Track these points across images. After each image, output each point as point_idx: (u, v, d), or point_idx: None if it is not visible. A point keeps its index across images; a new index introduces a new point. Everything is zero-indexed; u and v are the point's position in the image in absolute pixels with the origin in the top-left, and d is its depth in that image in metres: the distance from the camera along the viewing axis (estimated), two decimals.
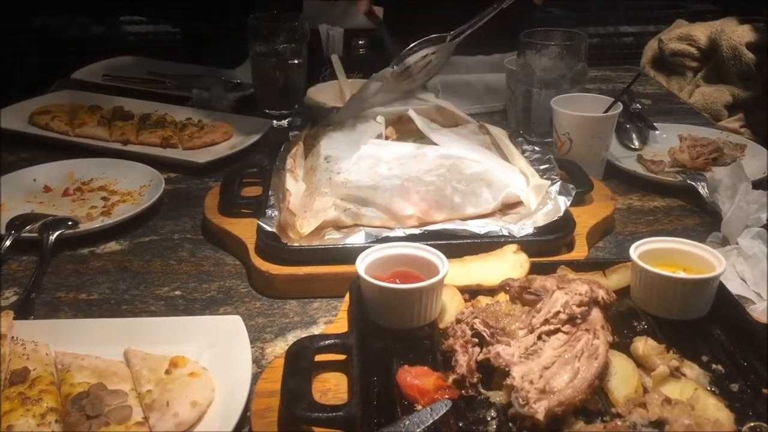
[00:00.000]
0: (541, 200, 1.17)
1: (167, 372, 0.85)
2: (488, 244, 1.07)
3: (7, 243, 1.16)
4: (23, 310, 1.01)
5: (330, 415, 0.76)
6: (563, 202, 1.14)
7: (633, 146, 1.54)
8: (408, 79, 1.41)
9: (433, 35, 1.41)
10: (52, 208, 1.30)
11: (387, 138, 1.31)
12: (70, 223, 1.21)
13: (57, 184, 1.38)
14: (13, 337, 0.91)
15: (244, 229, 1.16)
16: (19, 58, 2.88)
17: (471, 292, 0.98)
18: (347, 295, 0.98)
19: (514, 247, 1.03)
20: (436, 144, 1.26)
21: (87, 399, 0.81)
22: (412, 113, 1.36)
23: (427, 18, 1.66)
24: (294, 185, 1.16)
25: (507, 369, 0.80)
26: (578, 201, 1.21)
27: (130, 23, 3.45)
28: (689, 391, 0.79)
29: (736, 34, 2.49)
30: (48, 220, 1.21)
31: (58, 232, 1.18)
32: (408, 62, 1.39)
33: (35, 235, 1.18)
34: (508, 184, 1.18)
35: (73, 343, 0.91)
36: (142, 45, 3.35)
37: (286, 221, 1.08)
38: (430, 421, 0.74)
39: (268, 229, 1.09)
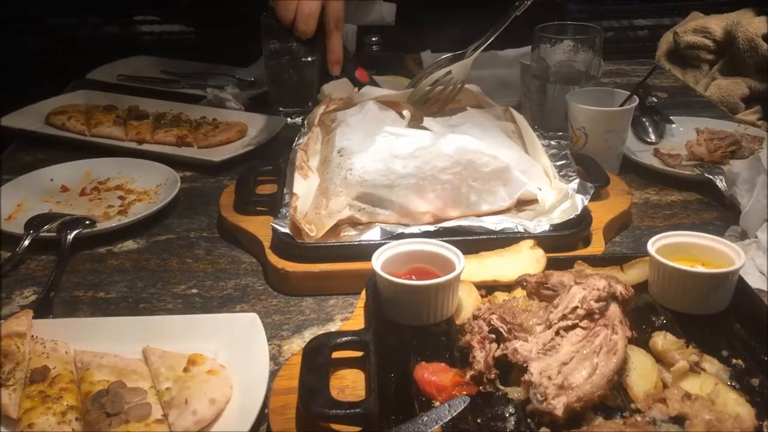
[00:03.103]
0: (560, 198, 1.16)
1: (185, 370, 0.86)
2: (504, 240, 1.07)
3: (26, 243, 1.17)
4: (42, 309, 1.02)
5: (348, 411, 0.76)
6: (581, 201, 1.13)
7: (649, 140, 1.53)
8: (431, 106, 1.37)
9: (449, 54, 1.37)
10: (70, 207, 1.31)
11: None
12: (87, 222, 1.22)
13: (74, 184, 1.39)
14: (32, 336, 0.91)
15: (260, 226, 1.16)
16: (34, 59, 2.90)
17: (487, 288, 0.98)
18: (363, 292, 0.98)
19: (530, 242, 1.03)
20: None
21: (107, 397, 0.81)
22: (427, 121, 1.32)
23: (440, 27, 1.66)
24: (302, 186, 1.15)
25: (525, 365, 0.79)
26: (594, 196, 1.20)
27: (144, 23, 3.46)
28: (709, 386, 0.78)
29: (753, 25, 2.47)
30: (66, 220, 1.22)
31: (75, 232, 1.19)
32: (421, 90, 1.35)
33: (53, 234, 1.19)
34: (525, 182, 1.17)
35: (92, 341, 0.92)
36: (156, 44, 3.36)
37: (297, 226, 1.08)
38: (448, 418, 0.74)
39: (282, 230, 1.09)
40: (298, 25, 1.32)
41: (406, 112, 1.32)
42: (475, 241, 1.08)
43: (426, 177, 1.14)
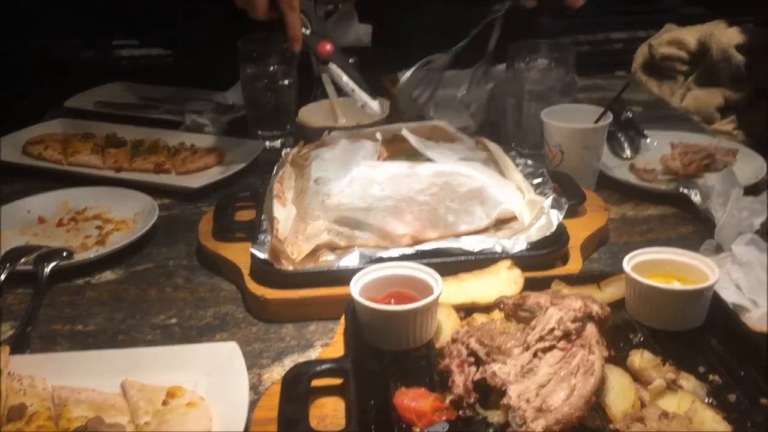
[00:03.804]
0: (535, 215, 1.17)
1: (164, 403, 0.85)
2: (483, 260, 1.07)
3: (2, 277, 1.15)
4: (20, 345, 1.01)
5: None
6: (556, 216, 1.14)
7: (625, 155, 1.55)
8: (414, 99, 1.39)
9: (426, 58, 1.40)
10: (47, 239, 1.30)
11: (379, 157, 1.32)
12: (65, 254, 1.21)
13: (51, 215, 1.38)
14: (9, 373, 0.90)
15: (239, 253, 1.16)
16: (11, 89, 2.88)
17: (466, 310, 0.98)
18: (343, 317, 0.98)
19: (507, 263, 1.04)
20: (430, 161, 1.26)
21: None
22: (405, 132, 1.36)
23: (417, 48, 1.68)
24: (282, 211, 1.16)
25: (503, 388, 0.80)
26: (571, 213, 1.21)
27: (123, 47, 3.46)
28: (687, 403, 0.79)
29: (726, 36, 2.51)
30: (43, 252, 1.21)
31: (53, 264, 1.18)
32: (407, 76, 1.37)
33: (30, 267, 1.18)
34: (502, 201, 1.18)
35: (69, 376, 0.91)
36: (134, 69, 3.36)
37: (277, 249, 1.08)
38: None
39: (261, 256, 1.09)
40: (250, 9, 1.30)
41: (378, 135, 1.33)
42: (453, 263, 1.08)
43: (403, 199, 1.14)
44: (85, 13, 3.02)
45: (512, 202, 1.19)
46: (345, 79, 1.36)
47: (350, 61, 1.39)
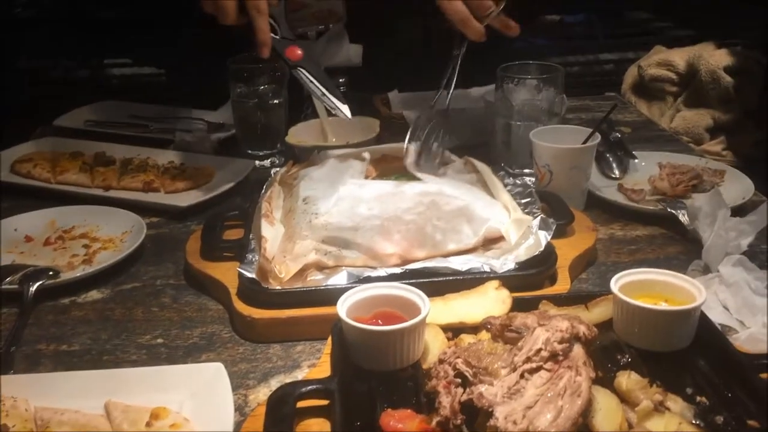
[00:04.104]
0: (523, 234, 1.17)
1: (148, 424, 0.85)
2: (471, 280, 1.07)
3: None
4: (4, 365, 1.00)
5: None
6: (544, 237, 1.14)
7: (613, 175, 1.55)
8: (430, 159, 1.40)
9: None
10: (33, 258, 1.29)
11: (367, 177, 1.32)
12: (51, 273, 1.20)
13: (38, 233, 1.37)
14: None
15: (226, 273, 1.15)
16: (1, 107, 2.89)
17: (454, 330, 0.97)
18: (330, 338, 0.98)
19: (495, 283, 1.03)
20: (417, 180, 1.26)
21: None
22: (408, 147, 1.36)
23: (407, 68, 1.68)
24: (270, 230, 1.16)
25: (490, 409, 0.79)
26: (560, 233, 1.21)
27: (114, 66, 3.47)
28: (673, 425, 0.79)
29: (714, 58, 2.53)
30: (29, 271, 1.20)
31: (38, 283, 1.17)
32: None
33: (15, 286, 1.17)
34: (488, 219, 1.18)
35: (53, 397, 0.90)
36: (126, 87, 3.37)
37: (265, 268, 1.08)
38: None
39: (249, 275, 1.08)
40: (219, 15, 1.30)
41: (366, 155, 1.34)
42: (441, 283, 1.08)
43: (390, 218, 1.14)
44: (77, 33, 3.04)
45: (498, 220, 1.19)
46: (315, 83, 1.36)
47: (322, 68, 1.38)
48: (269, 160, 1.69)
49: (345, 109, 1.35)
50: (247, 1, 1.30)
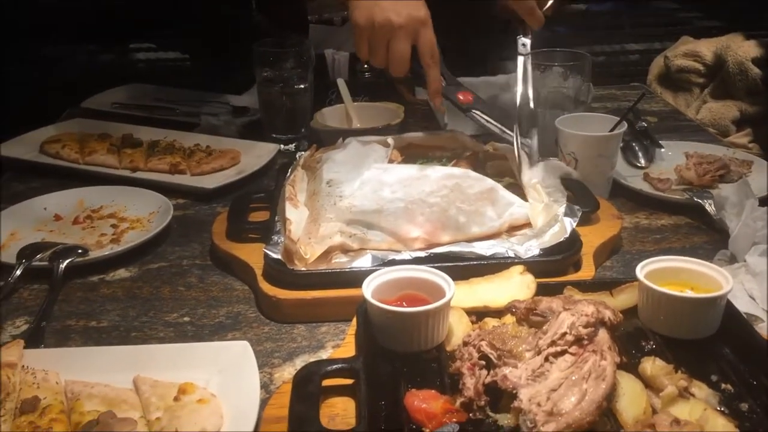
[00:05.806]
0: (548, 221, 1.17)
1: (176, 399, 0.86)
2: (495, 265, 1.07)
3: (18, 272, 1.17)
4: (34, 339, 1.02)
5: None
6: (569, 224, 1.14)
7: (639, 164, 1.54)
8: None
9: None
10: (62, 236, 1.31)
11: (392, 161, 1.32)
12: (80, 251, 1.22)
13: (67, 213, 1.39)
14: (23, 366, 0.91)
15: (252, 254, 1.17)
16: (29, 88, 2.92)
17: (478, 314, 0.98)
18: (354, 319, 0.98)
19: (520, 268, 1.03)
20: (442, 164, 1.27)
21: (96, 427, 0.81)
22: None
23: None
24: (294, 213, 1.16)
25: (514, 391, 0.80)
26: (585, 220, 1.21)
27: (139, 50, 3.49)
28: (698, 411, 0.79)
29: (742, 49, 2.50)
30: (58, 249, 1.22)
31: (68, 261, 1.19)
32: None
33: (46, 263, 1.19)
34: (512, 202, 1.19)
35: (82, 371, 0.92)
36: (151, 72, 3.39)
37: (290, 249, 1.08)
38: None
39: (274, 256, 1.09)
40: (393, 69, 1.34)
41: (390, 140, 1.34)
42: (466, 267, 1.08)
43: (414, 201, 1.15)
44: (103, 18, 3.06)
45: (523, 203, 1.19)
46: (492, 122, 1.39)
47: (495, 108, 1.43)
48: (294, 144, 1.69)
49: (531, 143, 1.37)
50: (423, 51, 1.33)
